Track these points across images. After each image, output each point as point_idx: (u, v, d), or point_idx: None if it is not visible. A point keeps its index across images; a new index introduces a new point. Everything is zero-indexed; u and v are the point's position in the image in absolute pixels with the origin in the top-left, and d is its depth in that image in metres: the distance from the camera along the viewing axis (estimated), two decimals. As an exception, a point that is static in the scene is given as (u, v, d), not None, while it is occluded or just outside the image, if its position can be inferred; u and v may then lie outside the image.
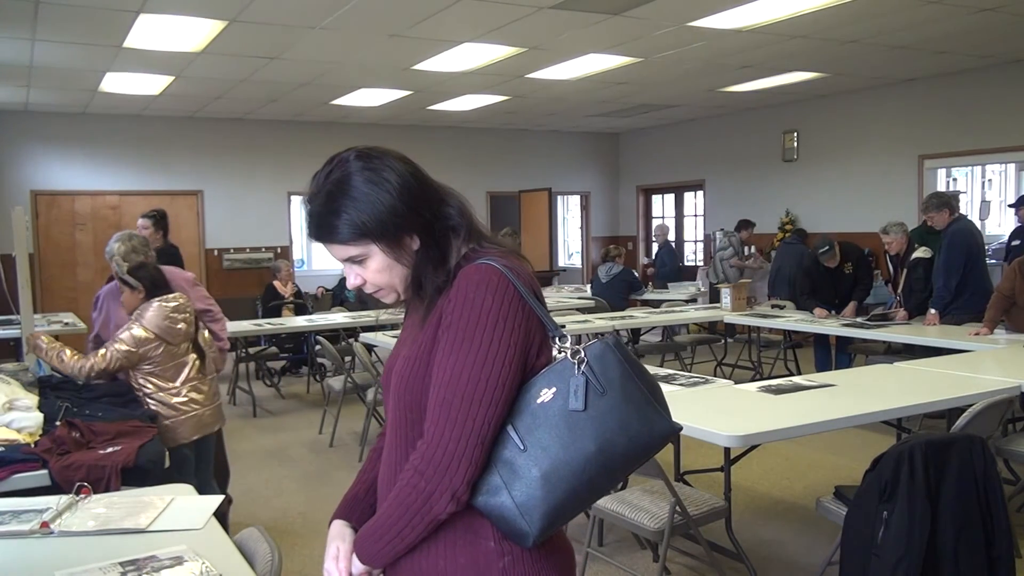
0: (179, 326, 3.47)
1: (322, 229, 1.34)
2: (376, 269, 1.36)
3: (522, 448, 1.26)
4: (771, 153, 10.78)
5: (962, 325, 5.61)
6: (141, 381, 3.41)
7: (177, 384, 3.46)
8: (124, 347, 3.33)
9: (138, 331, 3.37)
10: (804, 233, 9.82)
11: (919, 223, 7.06)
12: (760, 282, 9.71)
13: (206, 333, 3.77)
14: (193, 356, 3.55)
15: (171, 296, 3.51)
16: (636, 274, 8.95)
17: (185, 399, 3.48)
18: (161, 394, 3.42)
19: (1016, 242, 6.98)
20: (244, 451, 5.72)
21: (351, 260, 1.36)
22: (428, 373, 1.32)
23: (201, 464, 3.76)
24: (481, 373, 1.25)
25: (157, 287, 3.50)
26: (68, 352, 3.39)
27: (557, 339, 1.31)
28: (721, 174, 11.62)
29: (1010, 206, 7.26)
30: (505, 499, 1.27)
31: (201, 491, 3.79)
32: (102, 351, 3.36)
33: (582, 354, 1.28)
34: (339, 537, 1.46)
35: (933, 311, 5.81)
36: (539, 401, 1.28)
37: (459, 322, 1.27)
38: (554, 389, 1.27)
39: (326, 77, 8.10)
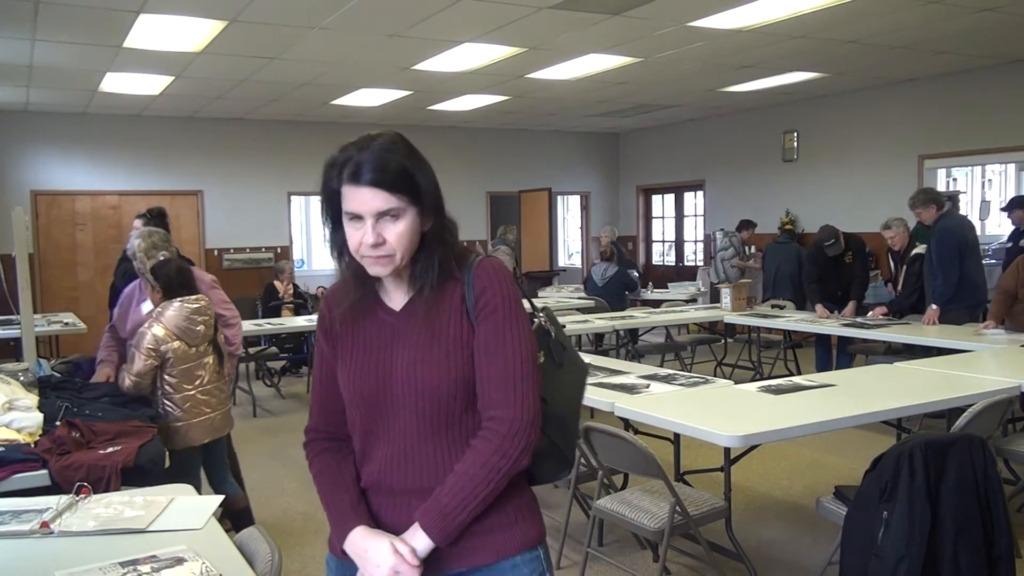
0: (198, 328, 3.47)
1: (381, 173, 1.40)
2: (402, 231, 1.43)
3: (545, 400, 1.51)
4: (771, 153, 10.78)
5: (963, 325, 5.62)
6: (158, 381, 3.43)
7: (193, 386, 3.47)
8: (147, 348, 3.37)
9: (157, 330, 3.39)
10: (794, 233, 9.84)
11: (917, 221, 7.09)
12: (756, 284, 9.71)
13: (222, 337, 3.79)
14: (211, 358, 3.56)
15: (193, 297, 3.51)
16: (635, 274, 8.92)
17: (200, 401, 3.49)
18: (176, 396, 3.43)
19: (1009, 244, 7.02)
20: (244, 451, 5.70)
21: (385, 214, 1.41)
22: (469, 355, 1.46)
23: (217, 464, 3.79)
24: (530, 342, 1.49)
25: (172, 288, 3.50)
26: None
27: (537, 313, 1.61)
28: (721, 174, 11.62)
29: (1002, 210, 7.28)
30: (545, 442, 1.52)
31: (219, 489, 3.84)
32: (129, 362, 3.42)
33: (547, 325, 1.60)
34: (378, 535, 1.46)
35: (934, 306, 5.83)
36: (539, 362, 1.54)
37: (503, 306, 1.47)
38: (542, 351, 1.56)
39: (326, 77, 8.10)
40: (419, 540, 1.42)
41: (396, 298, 1.54)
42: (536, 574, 1.52)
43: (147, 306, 3.79)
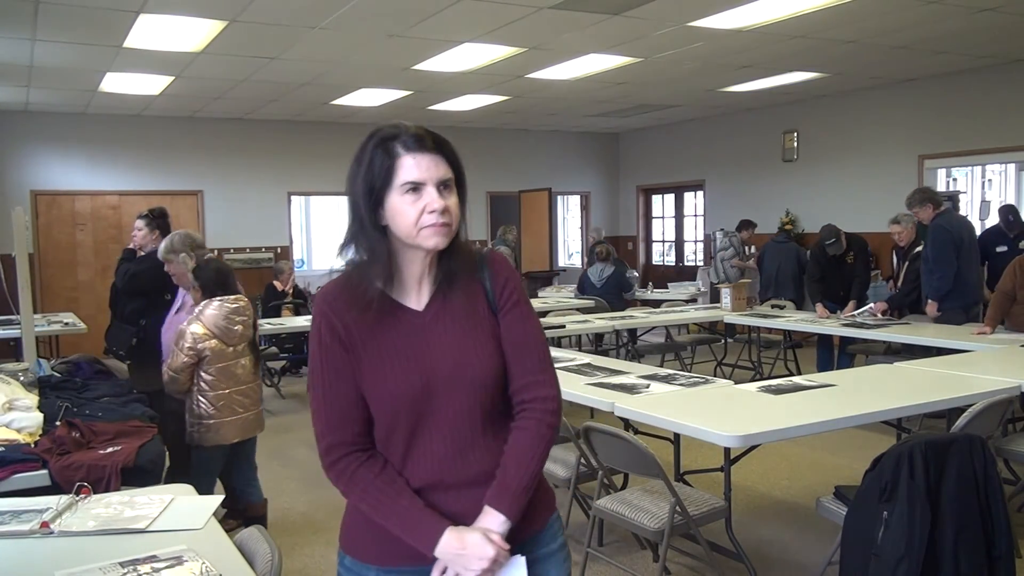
0: (236, 327, 3.50)
1: (441, 143, 1.52)
2: (456, 203, 1.51)
3: None
4: (771, 153, 10.78)
5: (962, 325, 5.63)
6: (195, 378, 3.45)
7: (228, 386, 3.49)
8: (187, 346, 3.41)
9: (196, 327, 3.43)
10: (791, 233, 9.84)
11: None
12: (755, 284, 9.70)
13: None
14: (248, 359, 3.59)
15: (232, 297, 3.54)
16: (635, 274, 8.90)
17: (234, 401, 3.50)
18: (211, 393, 3.45)
19: (1002, 248, 7.00)
20: (244, 451, 5.72)
21: (444, 183, 1.49)
22: (498, 343, 1.55)
23: (246, 465, 3.80)
24: (540, 326, 1.63)
25: (210, 288, 3.54)
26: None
27: None
28: (721, 174, 11.62)
29: (1005, 225, 7.24)
30: None
31: (244, 490, 3.86)
32: (170, 358, 3.48)
33: None
34: (468, 531, 1.48)
35: (932, 301, 5.86)
36: None
37: (522, 295, 1.60)
38: None
39: (326, 77, 8.10)
40: (499, 523, 1.49)
41: (414, 298, 1.54)
42: (561, 530, 1.70)
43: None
